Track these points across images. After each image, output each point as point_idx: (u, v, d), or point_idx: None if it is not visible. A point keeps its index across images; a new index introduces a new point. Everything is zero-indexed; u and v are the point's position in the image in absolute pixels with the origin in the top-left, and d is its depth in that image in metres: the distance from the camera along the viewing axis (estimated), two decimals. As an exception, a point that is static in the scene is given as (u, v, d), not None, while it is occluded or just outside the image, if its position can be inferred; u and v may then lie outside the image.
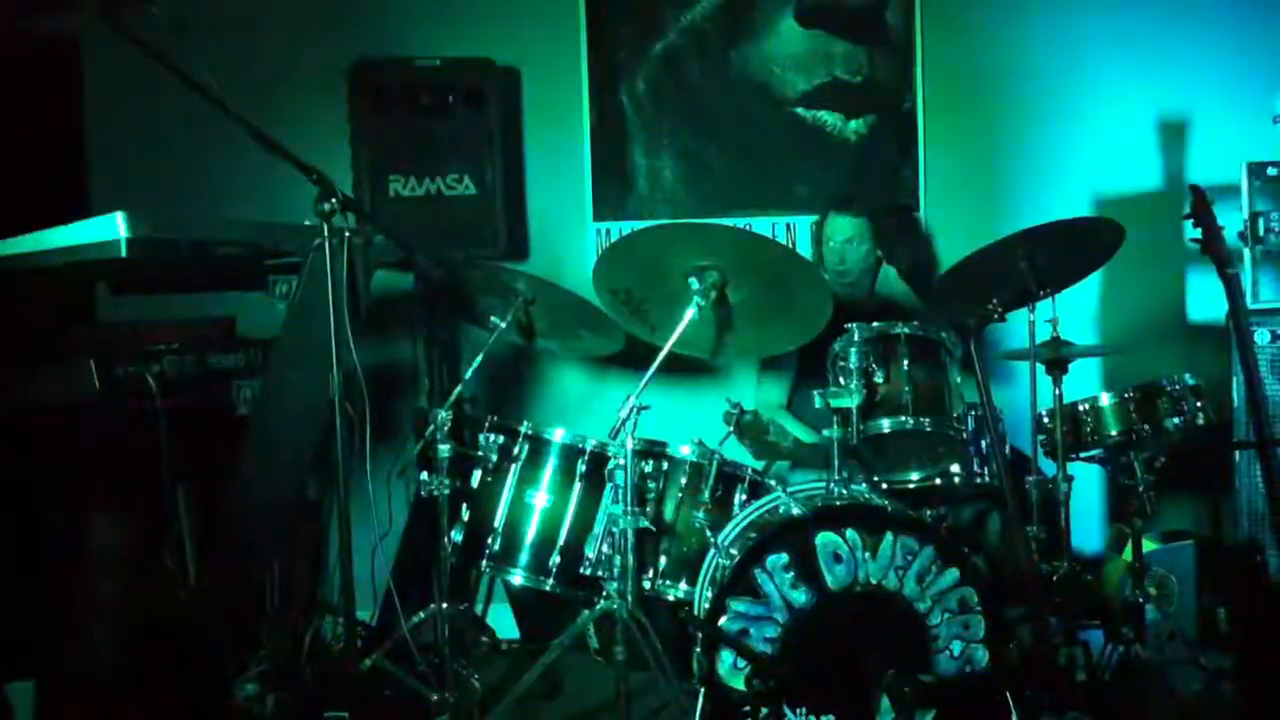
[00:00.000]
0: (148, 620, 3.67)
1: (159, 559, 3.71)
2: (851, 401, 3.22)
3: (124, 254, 2.85)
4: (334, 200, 2.93)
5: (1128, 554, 3.73)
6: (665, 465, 3.58)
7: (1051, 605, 3.47)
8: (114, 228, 2.85)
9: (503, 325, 3.74)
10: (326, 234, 2.95)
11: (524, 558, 3.64)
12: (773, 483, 3.56)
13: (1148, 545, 3.87)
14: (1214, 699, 3.44)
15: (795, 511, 3.17)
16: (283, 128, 2.98)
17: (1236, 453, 3.93)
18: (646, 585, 3.51)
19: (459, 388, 3.70)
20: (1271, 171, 3.96)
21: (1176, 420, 3.61)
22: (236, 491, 3.38)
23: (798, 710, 2.98)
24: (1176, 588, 4.04)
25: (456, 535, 3.65)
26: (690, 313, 3.39)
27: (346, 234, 3.10)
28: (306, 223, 3.06)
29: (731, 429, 3.61)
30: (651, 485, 3.55)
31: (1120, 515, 3.88)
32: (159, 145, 4.59)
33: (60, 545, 3.39)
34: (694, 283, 3.41)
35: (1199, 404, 3.67)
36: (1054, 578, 3.54)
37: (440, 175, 4.31)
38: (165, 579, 3.64)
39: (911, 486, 3.58)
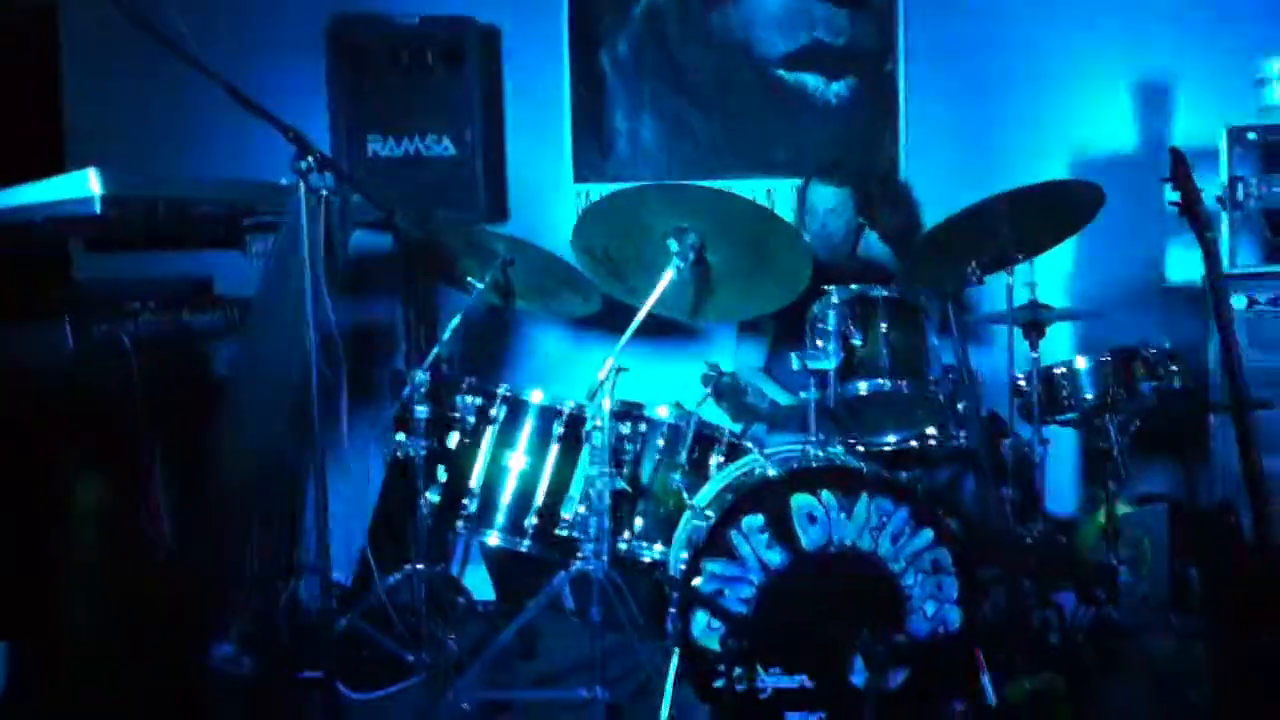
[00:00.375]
0: (124, 582, 3.67)
1: (135, 520, 3.70)
2: (829, 364, 3.21)
3: (97, 211, 2.82)
4: (311, 159, 2.90)
5: (1102, 517, 3.75)
6: (643, 427, 3.59)
7: (1025, 567, 3.50)
8: (87, 185, 2.82)
9: (481, 287, 3.73)
10: (303, 193, 2.93)
11: (500, 519, 3.65)
12: (749, 445, 3.58)
13: (1122, 508, 3.89)
14: (1186, 661, 3.47)
15: (771, 473, 3.18)
16: (260, 87, 2.94)
17: (1211, 416, 3.95)
18: (622, 546, 3.53)
19: (436, 349, 3.69)
20: (1251, 136, 3.95)
21: (1152, 384, 3.63)
22: (213, 452, 3.37)
23: (771, 670, 3.00)
24: (1150, 550, 4.07)
25: (433, 496, 3.66)
26: (669, 274, 3.38)
27: (324, 193, 3.07)
28: (283, 182, 3.04)
29: (709, 391, 3.61)
30: (629, 447, 3.56)
31: (1095, 478, 3.90)
32: (136, 105, 4.55)
33: (35, 506, 3.37)
34: (673, 244, 3.40)
35: (1174, 368, 3.69)
36: (1028, 540, 3.56)
37: (419, 135, 4.29)
38: (142, 540, 3.63)
39: (888, 449, 3.58)
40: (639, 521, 3.57)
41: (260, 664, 3.71)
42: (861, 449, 3.51)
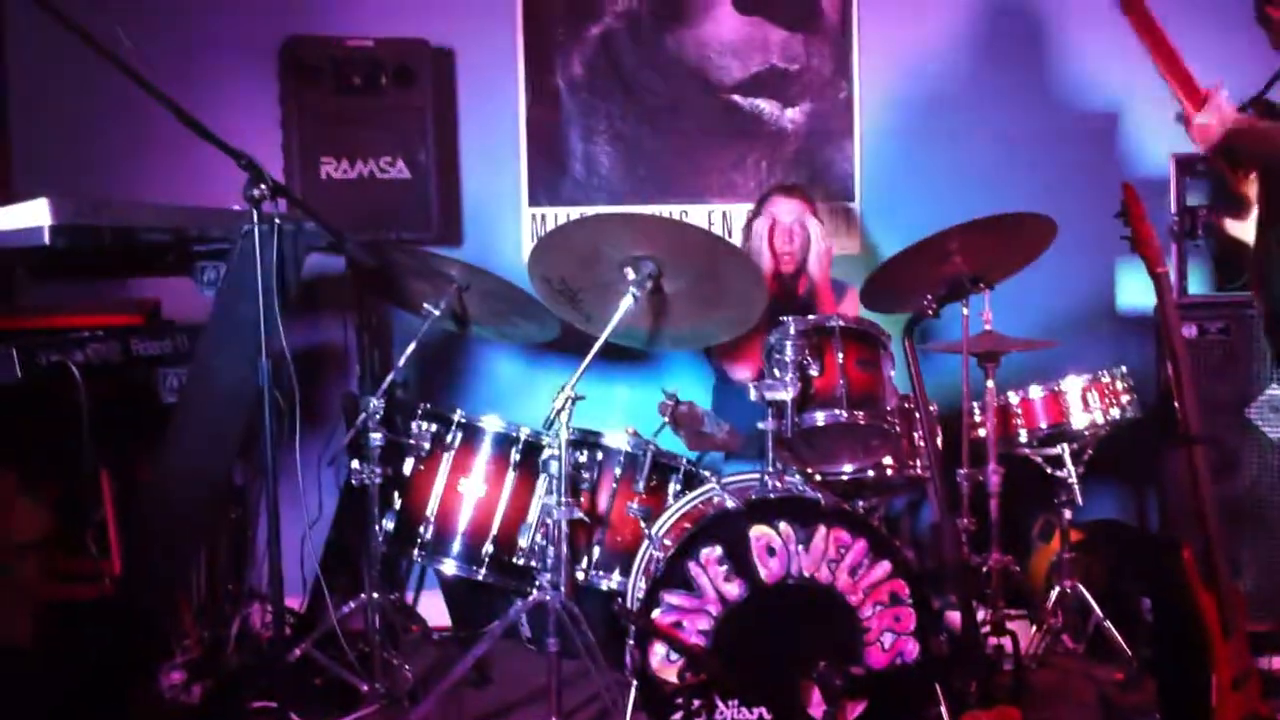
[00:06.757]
0: (71, 607, 3.61)
1: (83, 546, 3.64)
2: (786, 394, 3.21)
3: (47, 241, 2.78)
4: (264, 186, 2.88)
5: (1055, 544, 3.78)
6: (600, 455, 3.59)
7: (980, 596, 3.52)
8: (37, 214, 2.78)
9: (436, 313, 3.69)
10: (256, 220, 2.90)
11: (456, 547, 3.64)
12: (707, 474, 3.57)
13: (1075, 536, 3.92)
14: (1136, 689, 3.50)
15: (729, 504, 3.17)
16: (213, 108, 2.92)
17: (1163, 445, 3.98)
18: (580, 576, 3.52)
19: (391, 375, 3.65)
20: (1200, 166, 3.99)
21: (1104, 413, 3.66)
22: (161, 478, 3.33)
23: (730, 702, 2.99)
24: (1104, 579, 4.10)
25: (388, 523, 3.63)
26: (626, 303, 3.37)
27: (276, 220, 3.04)
28: (235, 208, 3.00)
29: (666, 419, 3.60)
30: (586, 475, 3.56)
31: (1048, 505, 3.92)
32: (85, 128, 4.47)
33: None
34: (630, 273, 3.39)
35: (1127, 397, 3.72)
36: (983, 569, 3.57)
37: (373, 158, 4.25)
38: (89, 566, 3.58)
39: (845, 478, 3.59)
40: (596, 550, 3.56)
41: (211, 692, 3.66)
42: (819, 478, 3.51)
